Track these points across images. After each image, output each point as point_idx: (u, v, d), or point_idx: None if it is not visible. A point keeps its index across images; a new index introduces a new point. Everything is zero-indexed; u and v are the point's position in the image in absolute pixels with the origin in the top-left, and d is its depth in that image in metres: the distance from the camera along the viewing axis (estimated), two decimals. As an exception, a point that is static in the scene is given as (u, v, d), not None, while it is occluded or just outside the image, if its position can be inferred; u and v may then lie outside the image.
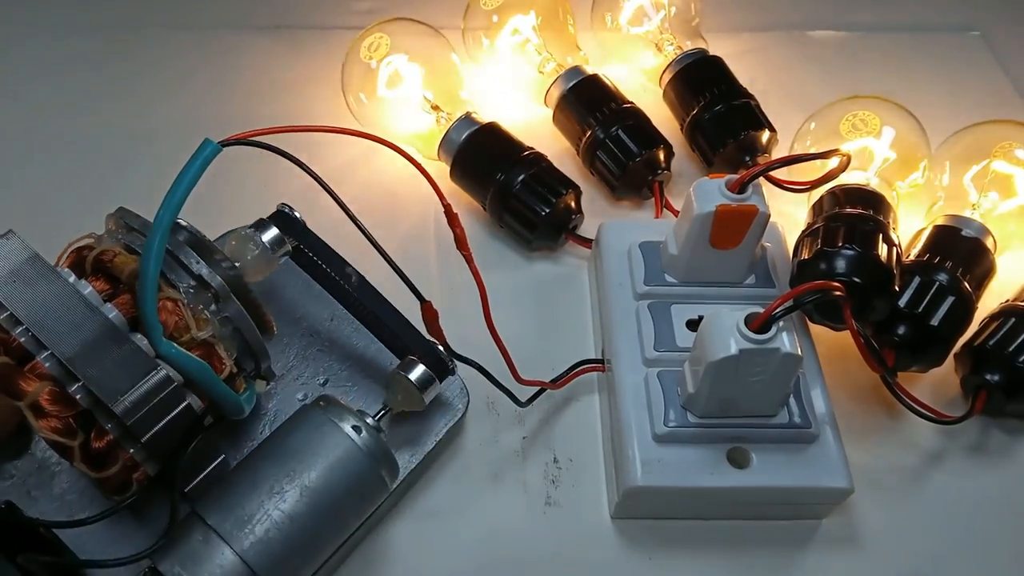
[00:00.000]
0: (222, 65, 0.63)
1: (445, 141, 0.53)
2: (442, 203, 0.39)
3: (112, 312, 0.33)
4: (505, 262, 0.51)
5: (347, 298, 0.43)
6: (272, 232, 0.40)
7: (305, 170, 0.36)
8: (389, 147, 0.38)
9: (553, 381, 0.44)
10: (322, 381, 0.44)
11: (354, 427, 0.37)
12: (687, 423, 0.40)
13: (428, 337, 0.41)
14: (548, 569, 0.41)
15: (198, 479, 0.38)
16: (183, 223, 0.37)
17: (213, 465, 0.38)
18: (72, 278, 0.34)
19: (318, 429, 0.36)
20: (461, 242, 0.40)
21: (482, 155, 0.52)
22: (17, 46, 0.64)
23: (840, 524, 0.43)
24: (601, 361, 0.46)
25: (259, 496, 0.35)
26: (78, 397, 0.32)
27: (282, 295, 0.47)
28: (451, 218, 0.39)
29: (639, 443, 0.40)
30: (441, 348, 0.41)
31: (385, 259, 0.40)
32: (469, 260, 0.40)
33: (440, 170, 0.55)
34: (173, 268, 0.34)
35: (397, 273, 0.40)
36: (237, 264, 0.37)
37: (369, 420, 0.38)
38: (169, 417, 0.33)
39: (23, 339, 0.32)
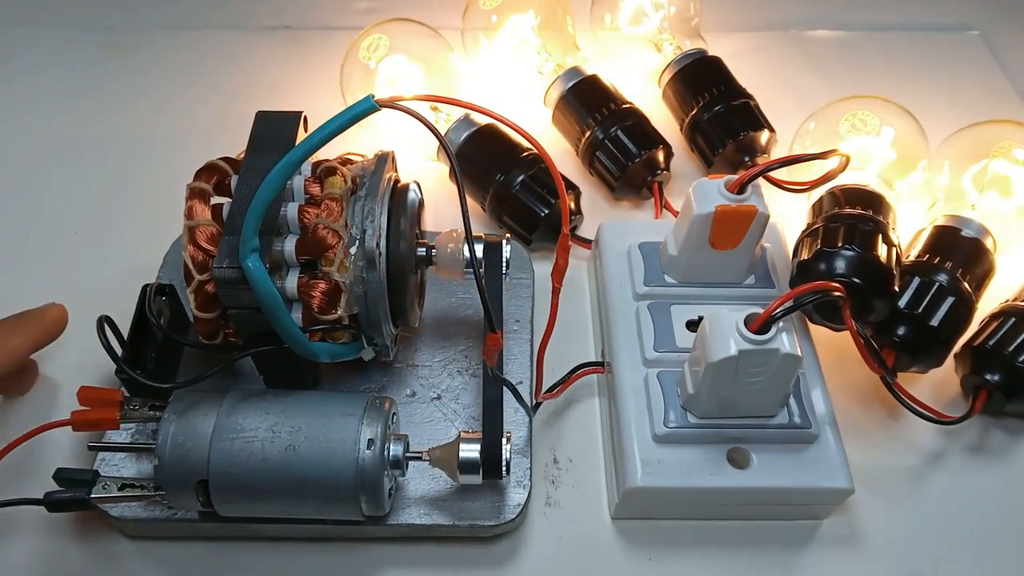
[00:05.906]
0: (221, 66, 0.63)
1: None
2: (563, 230, 0.37)
3: (293, 210, 0.36)
4: (504, 263, 0.51)
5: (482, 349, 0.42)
6: (477, 249, 0.40)
7: (446, 151, 0.35)
8: (525, 136, 0.37)
9: (549, 390, 0.44)
10: (435, 395, 0.44)
11: (370, 440, 0.36)
12: (687, 424, 0.40)
13: (504, 441, 0.38)
14: (548, 569, 0.41)
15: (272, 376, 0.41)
16: (413, 188, 0.39)
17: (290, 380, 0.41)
18: (307, 168, 0.38)
19: (344, 416, 0.37)
20: (559, 272, 0.38)
21: (481, 156, 0.52)
22: (19, 48, 0.64)
23: (840, 524, 0.42)
24: (601, 363, 0.46)
25: (260, 423, 0.36)
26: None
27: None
28: (563, 249, 0.37)
29: (639, 444, 0.40)
30: (507, 452, 0.38)
31: (475, 278, 0.37)
32: (555, 292, 0.39)
33: (439, 171, 0.55)
34: (363, 215, 0.37)
35: (480, 296, 0.36)
36: (421, 251, 0.40)
37: (395, 448, 0.37)
38: (242, 309, 0.36)
39: (232, 180, 0.37)
